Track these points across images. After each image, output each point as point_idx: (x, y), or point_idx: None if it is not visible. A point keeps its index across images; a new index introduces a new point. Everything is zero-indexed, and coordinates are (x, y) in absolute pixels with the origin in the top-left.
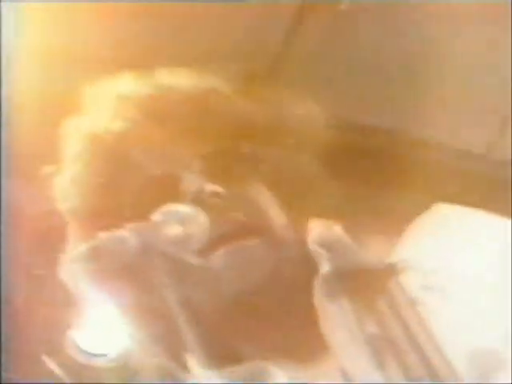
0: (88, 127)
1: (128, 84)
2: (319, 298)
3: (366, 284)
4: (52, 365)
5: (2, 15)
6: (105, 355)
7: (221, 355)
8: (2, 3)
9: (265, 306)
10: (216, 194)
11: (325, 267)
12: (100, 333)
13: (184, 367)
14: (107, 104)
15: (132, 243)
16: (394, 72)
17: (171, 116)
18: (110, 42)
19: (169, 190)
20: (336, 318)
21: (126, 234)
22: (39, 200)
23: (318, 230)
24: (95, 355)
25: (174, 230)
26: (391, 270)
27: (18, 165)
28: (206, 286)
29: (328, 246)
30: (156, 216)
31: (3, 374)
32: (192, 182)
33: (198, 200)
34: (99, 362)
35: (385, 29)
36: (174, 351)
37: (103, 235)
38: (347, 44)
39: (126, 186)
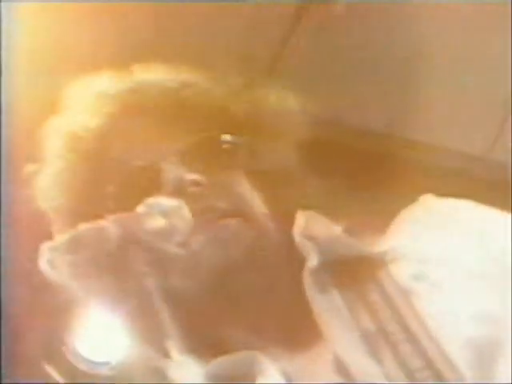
0: (68, 125)
1: (106, 81)
2: (309, 289)
3: (355, 275)
4: (52, 372)
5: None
6: (107, 363)
7: (208, 346)
8: (3, 3)
9: (253, 294)
10: (196, 184)
11: (312, 260)
12: (100, 339)
13: (167, 357)
14: (86, 102)
15: (112, 234)
16: (391, 72)
17: (149, 109)
18: (92, 40)
19: (150, 182)
20: (328, 310)
21: (106, 225)
22: (32, 202)
23: (303, 222)
24: (97, 363)
25: (157, 222)
26: (380, 260)
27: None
28: (189, 274)
29: (314, 237)
30: (139, 208)
31: (4, 380)
32: (172, 172)
33: (179, 189)
34: (100, 370)
35: (381, 29)
36: (158, 342)
37: (83, 226)
38: (342, 44)
39: (108, 181)
